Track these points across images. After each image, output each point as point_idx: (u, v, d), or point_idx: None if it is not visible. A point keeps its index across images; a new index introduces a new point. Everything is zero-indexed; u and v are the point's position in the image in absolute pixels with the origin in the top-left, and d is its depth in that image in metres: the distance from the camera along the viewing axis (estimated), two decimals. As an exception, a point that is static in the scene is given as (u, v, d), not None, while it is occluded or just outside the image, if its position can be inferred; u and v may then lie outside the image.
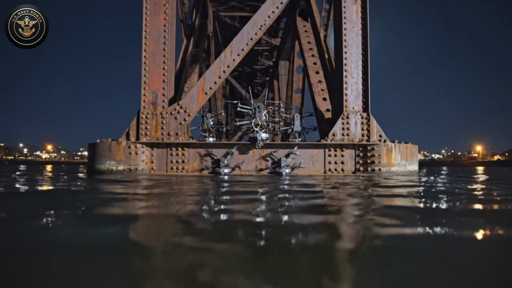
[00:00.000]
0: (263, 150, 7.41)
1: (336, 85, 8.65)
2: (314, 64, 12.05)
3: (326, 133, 9.05)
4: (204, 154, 7.43)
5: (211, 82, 8.09)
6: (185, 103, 7.97)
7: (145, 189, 4.20)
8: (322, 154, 7.53)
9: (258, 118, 7.19)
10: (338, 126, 7.83)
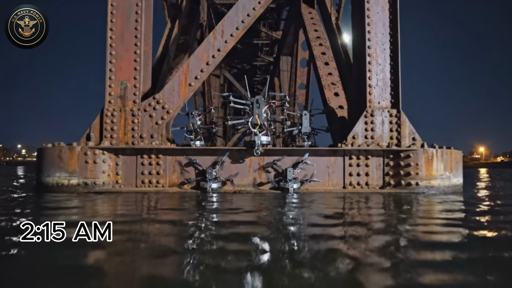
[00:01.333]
0: (263, 158, 5.65)
1: (354, 75, 6.88)
2: (323, 54, 10.32)
3: (340, 135, 7.31)
4: (185, 163, 5.66)
5: (196, 70, 6.32)
6: (163, 97, 6.20)
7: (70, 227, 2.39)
8: (341, 163, 5.76)
9: (256, 116, 5.43)
10: (360, 126, 6.06)
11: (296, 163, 5.63)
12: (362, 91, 6.36)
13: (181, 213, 3.71)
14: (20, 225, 2.55)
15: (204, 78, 6.59)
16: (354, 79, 6.90)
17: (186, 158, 5.59)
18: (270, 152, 5.63)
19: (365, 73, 6.21)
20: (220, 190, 5.45)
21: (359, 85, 6.54)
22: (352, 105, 7.13)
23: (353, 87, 7.03)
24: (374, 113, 6.08)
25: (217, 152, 5.64)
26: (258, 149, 5.30)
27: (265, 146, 5.51)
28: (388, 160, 5.78)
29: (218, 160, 5.58)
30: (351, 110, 7.17)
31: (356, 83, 6.82)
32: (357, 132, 6.06)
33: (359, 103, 6.50)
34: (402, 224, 2.97)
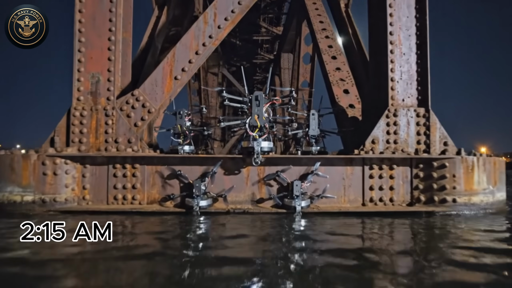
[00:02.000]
0: (263, 169, 4.58)
1: (371, 68, 5.82)
2: (330, 47, 9.26)
3: (352, 139, 6.25)
4: (168, 175, 4.59)
5: (184, 61, 5.26)
6: (143, 93, 5.14)
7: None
8: (359, 175, 4.68)
9: (256, 116, 4.36)
10: (380, 129, 5.00)
11: (305, 175, 4.56)
12: (381, 86, 5.30)
13: (148, 262, 2.64)
14: None
15: (194, 71, 5.52)
16: (371, 73, 5.83)
17: (168, 169, 4.52)
18: (272, 161, 4.56)
19: (386, 65, 5.15)
20: (210, 209, 4.38)
21: (378, 79, 5.47)
22: (367, 104, 6.06)
23: (369, 82, 5.96)
24: (397, 112, 5.02)
25: (207, 161, 4.57)
26: (257, 157, 4.23)
27: (267, 154, 4.44)
28: (417, 171, 4.71)
29: (208, 171, 4.51)
30: (366, 110, 6.10)
31: (373, 78, 5.75)
32: (377, 136, 4.99)
33: (377, 100, 5.44)
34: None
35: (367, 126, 5.67)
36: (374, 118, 5.32)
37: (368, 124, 5.63)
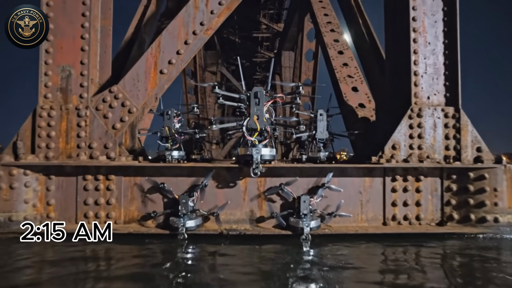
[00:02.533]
0: (264, 180, 3.80)
1: (388, 60, 5.04)
2: (336, 41, 8.50)
3: (365, 143, 5.50)
4: (149, 188, 3.80)
5: (170, 52, 4.48)
6: (123, 90, 4.36)
7: None
8: (380, 187, 3.90)
9: (255, 117, 3.57)
10: (402, 132, 4.22)
11: (314, 188, 3.78)
12: (402, 82, 4.52)
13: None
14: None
15: (183, 65, 4.73)
16: (388, 67, 5.05)
17: (149, 181, 3.74)
18: (275, 171, 3.77)
19: (407, 57, 4.37)
20: (199, 230, 3.60)
21: (397, 74, 4.69)
22: (383, 103, 5.28)
23: (385, 78, 5.18)
24: (422, 112, 4.24)
25: (196, 171, 3.78)
26: (257, 167, 3.44)
27: (268, 163, 3.66)
28: (449, 183, 3.92)
29: (198, 184, 3.73)
30: (382, 110, 5.32)
31: (390, 73, 4.97)
32: (398, 141, 4.21)
33: (396, 99, 4.67)
34: None
35: (383, 128, 4.91)
36: (392, 119, 4.55)
37: (384, 126, 4.86)
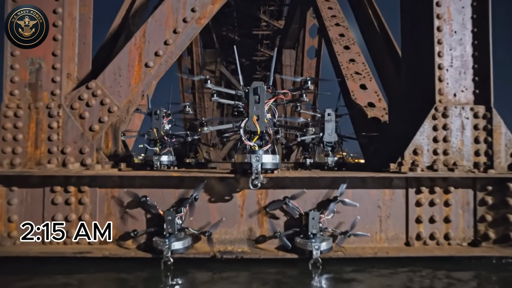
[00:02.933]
0: (265, 193, 3.21)
1: (406, 53, 4.45)
2: (341, 36, 7.96)
3: (378, 147, 4.93)
4: (129, 202, 3.21)
5: (158, 42, 3.90)
6: (102, 86, 3.78)
7: None
8: (402, 201, 3.30)
9: (254, 118, 2.98)
10: (425, 135, 3.63)
11: (325, 202, 3.19)
12: (423, 77, 3.94)
13: None
14: None
15: (173, 57, 4.14)
16: (405, 61, 4.47)
17: (129, 194, 3.14)
18: (278, 182, 3.18)
19: (430, 48, 3.78)
20: (188, 253, 3.01)
21: (417, 68, 4.11)
22: (397, 101, 4.69)
23: (401, 73, 4.60)
24: (448, 112, 3.65)
25: (184, 181, 3.19)
26: (257, 178, 2.85)
27: (270, 172, 3.07)
28: (484, 195, 3.33)
29: (187, 197, 3.14)
30: (398, 109, 4.73)
31: (407, 67, 4.39)
32: (420, 145, 3.63)
33: (416, 96, 4.09)
34: None
35: (397, 130, 4.34)
36: (410, 120, 3.98)
37: (400, 128, 4.29)
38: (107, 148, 4.18)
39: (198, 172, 3.22)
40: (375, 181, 3.25)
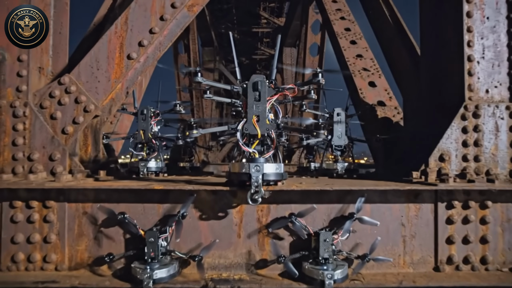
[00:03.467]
0: (267, 209, 2.68)
1: (426, 44, 3.93)
2: (347, 30, 7.48)
3: (392, 151, 4.43)
4: (104, 219, 2.68)
5: (142, 30, 3.37)
6: (76, 81, 3.26)
7: None
8: (430, 218, 2.77)
9: (253, 119, 2.45)
10: (453, 138, 3.11)
11: (339, 219, 2.67)
12: (449, 70, 3.42)
13: None
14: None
15: (161, 49, 3.60)
16: (425, 53, 3.95)
17: (102, 209, 2.61)
18: (283, 196, 2.65)
19: (458, 36, 3.26)
20: (174, 282, 2.48)
21: (439, 61, 3.59)
22: (415, 98, 4.18)
23: (421, 68, 4.08)
24: (479, 111, 3.13)
25: (170, 195, 2.67)
26: (257, 192, 2.33)
27: (274, 184, 2.55)
28: (527, 211, 2.81)
29: (173, 213, 2.62)
30: (414, 107, 4.22)
31: (428, 60, 3.88)
32: (448, 150, 3.11)
33: (439, 94, 3.57)
34: None
35: (417, 132, 3.83)
36: (434, 120, 3.47)
37: (419, 130, 3.78)
38: (85, 153, 3.66)
39: (186, 184, 2.70)
40: (398, 194, 2.73)
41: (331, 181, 3.23)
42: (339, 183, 2.89)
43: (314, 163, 5.95)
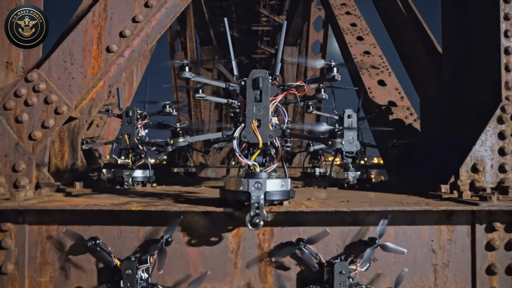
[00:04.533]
0: (270, 232, 2.22)
1: (450, 35, 3.46)
2: (353, 26, 7.04)
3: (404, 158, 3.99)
4: (72, 245, 2.22)
5: (123, 19, 2.91)
6: (46, 77, 2.79)
7: None
8: (466, 243, 2.30)
9: (253, 123, 2.00)
10: (487, 144, 2.65)
11: (356, 245, 2.20)
12: (479, 65, 2.96)
13: None
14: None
15: (149, 42, 3.14)
16: (449, 46, 3.48)
17: (69, 234, 2.14)
18: (289, 218, 2.18)
19: (493, 25, 2.80)
20: (156, 326, 2.02)
21: (466, 53, 3.13)
22: (435, 98, 3.71)
23: (440, 62, 3.62)
24: (519, 113, 2.67)
25: (153, 215, 2.19)
26: (258, 215, 1.86)
27: (278, 204, 2.08)
28: None
29: (156, 238, 2.16)
30: (433, 108, 3.76)
31: (452, 54, 3.41)
32: (482, 159, 2.66)
33: (464, 91, 3.11)
34: None
35: (438, 137, 3.37)
36: (460, 123, 3.01)
37: (442, 135, 3.32)
38: (61, 161, 3.20)
39: (172, 202, 2.23)
40: (428, 215, 2.26)
41: (344, 195, 2.77)
42: (356, 199, 2.43)
43: (319, 169, 5.50)
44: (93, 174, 3.73)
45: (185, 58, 12.30)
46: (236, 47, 19.40)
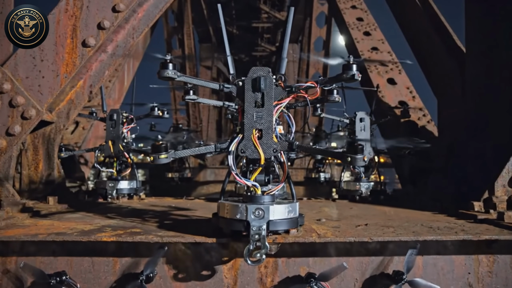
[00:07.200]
0: (274, 264, 1.84)
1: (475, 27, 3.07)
2: (359, 20, 6.70)
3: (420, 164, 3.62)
4: (33, 282, 1.84)
5: (102, 8, 2.51)
6: (12, 76, 2.39)
7: None
8: (510, 275, 1.94)
9: (253, 134, 1.62)
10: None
11: (377, 278, 1.82)
12: None
13: None
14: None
15: (136, 36, 2.75)
16: (475, 40, 3.08)
17: (28, 269, 1.75)
18: (296, 249, 1.80)
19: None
20: None
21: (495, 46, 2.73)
22: (457, 98, 3.32)
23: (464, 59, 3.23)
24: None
25: (129, 248, 1.81)
26: (260, 249, 1.48)
27: (284, 233, 1.69)
28: None
29: (136, 272, 1.77)
30: (454, 109, 3.36)
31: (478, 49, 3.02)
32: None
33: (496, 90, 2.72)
34: None
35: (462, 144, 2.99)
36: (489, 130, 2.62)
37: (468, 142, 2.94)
38: (35, 172, 2.81)
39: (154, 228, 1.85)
40: (463, 245, 1.87)
41: (357, 212, 2.39)
42: (374, 220, 2.04)
43: (324, 173, 5.11)
44: (74, 184, 3.35)
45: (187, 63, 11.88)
46: (236, 44, 18.97)
